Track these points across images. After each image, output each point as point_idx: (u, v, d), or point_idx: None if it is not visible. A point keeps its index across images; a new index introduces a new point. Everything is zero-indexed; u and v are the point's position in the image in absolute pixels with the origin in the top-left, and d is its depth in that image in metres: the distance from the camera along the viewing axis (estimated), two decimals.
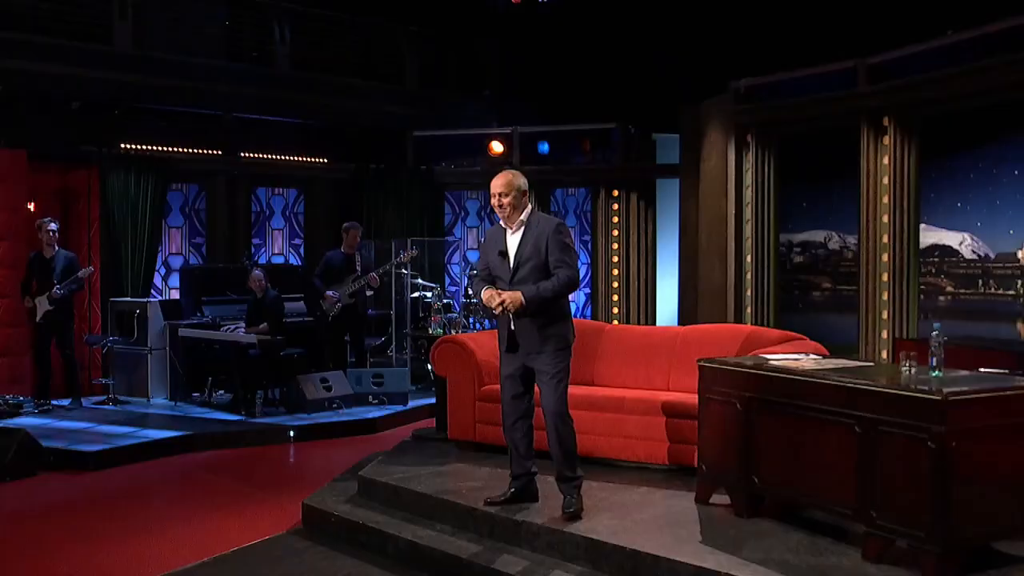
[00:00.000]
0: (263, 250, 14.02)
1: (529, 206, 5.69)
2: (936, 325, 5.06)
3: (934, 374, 4.91)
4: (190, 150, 13.08)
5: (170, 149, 12.77)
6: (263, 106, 13.78)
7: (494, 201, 5.62)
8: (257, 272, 10.61)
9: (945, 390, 4.48)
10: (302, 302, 11.83)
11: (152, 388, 11.03)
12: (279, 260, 14.07)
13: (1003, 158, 8.67)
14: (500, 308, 5.52)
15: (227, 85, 13.34)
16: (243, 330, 10.44)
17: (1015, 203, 8.55)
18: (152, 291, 12.41)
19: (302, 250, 14.36)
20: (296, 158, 14.13)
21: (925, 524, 4.47)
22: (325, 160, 14.39)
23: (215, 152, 13.34)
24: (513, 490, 5.83)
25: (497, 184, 5.59)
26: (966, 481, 4.44)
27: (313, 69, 14.24)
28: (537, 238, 5.57)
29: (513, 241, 5.63)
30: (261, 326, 10.32)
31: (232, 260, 12.97)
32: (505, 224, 5.66)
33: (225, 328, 10.67)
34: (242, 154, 13.58)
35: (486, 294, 5.60)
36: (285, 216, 14.31)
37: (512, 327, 5.61)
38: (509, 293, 5.51)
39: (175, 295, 12.71)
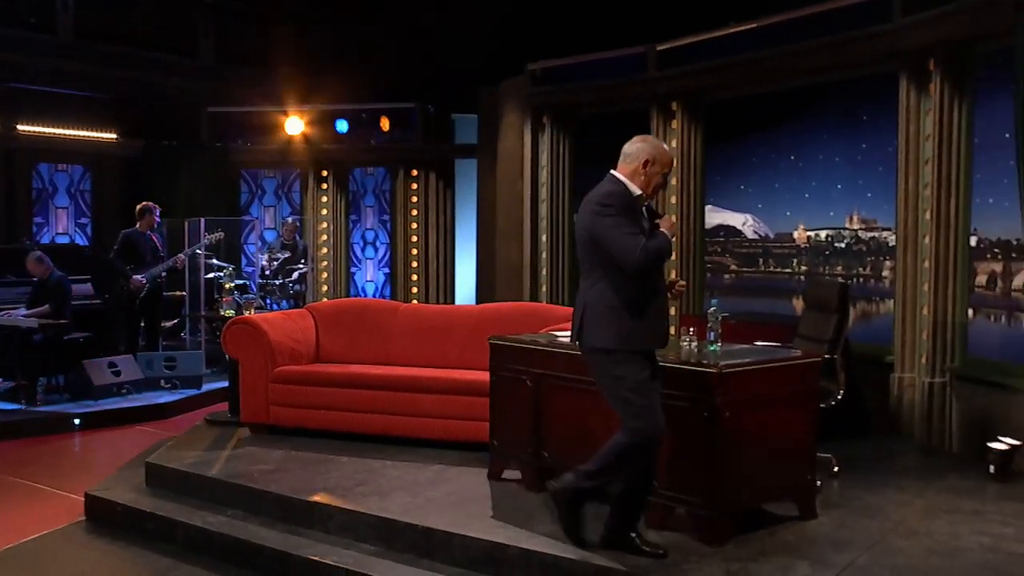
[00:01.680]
0: (46, 229, 13.34)
1: None
2: (713, 301, 5.31)
3: (711, 348, 5.15)
4: None
5: None
6: (44, 76, 13.06)
7: (661, 179, 4.64)
8: (37, 253, 10.08)
9: (720, 363, 4.71)
10: (89, 284, 11.31)
11: None
12: (64, 240, 13.40)
13: (781, 144, 9.12)
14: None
15: (3, 52, 12.57)
16: (23, 314, 9.90)
17: (791, 187, 9.03)
18: None
19: (89, 229, 13.74)
20: (82, 133, 13.48)
21: (701, 490, 4.70)
22: (114, 135, 13.79)
23: None
24: None
25: (671, 159, 4.70)
26: (738, 448, 4.70)
27: (100, 39, 13.56)
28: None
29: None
30: (41, 308, 9.82)
31: (10, 240, 12.26)
32: (646, 196, 4.66)
33: (3, 313, 10.08)
34: (20, 127, 12.85)
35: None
36: (70, 194, 13.67)
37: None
38: None
39: None
